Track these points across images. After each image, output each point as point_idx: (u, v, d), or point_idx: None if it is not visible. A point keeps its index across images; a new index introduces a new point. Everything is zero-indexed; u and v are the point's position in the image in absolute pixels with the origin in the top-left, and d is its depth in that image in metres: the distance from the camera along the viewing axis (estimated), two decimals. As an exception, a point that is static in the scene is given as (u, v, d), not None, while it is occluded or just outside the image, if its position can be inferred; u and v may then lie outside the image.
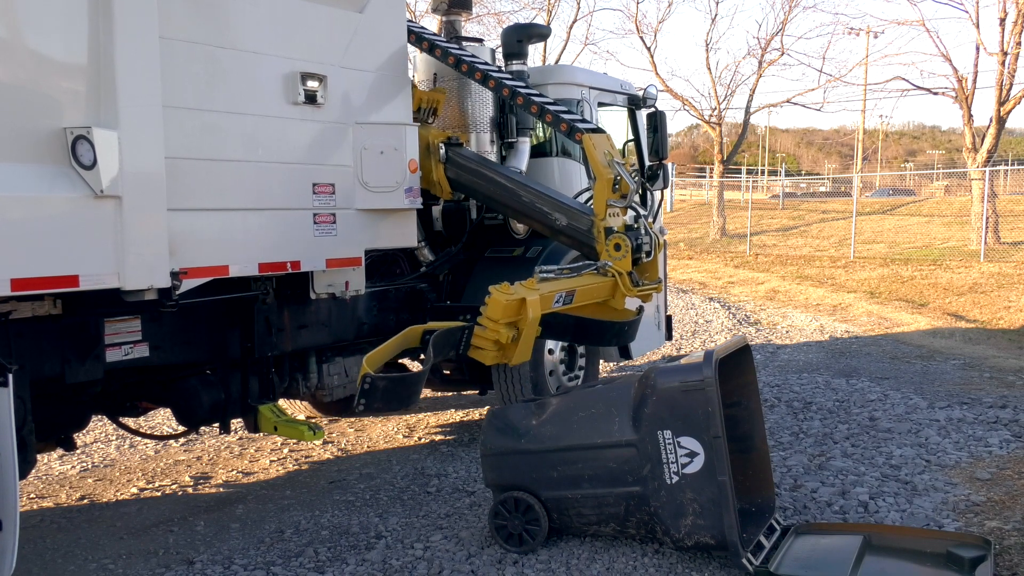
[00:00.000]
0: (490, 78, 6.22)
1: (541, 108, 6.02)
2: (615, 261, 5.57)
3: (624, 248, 5.55)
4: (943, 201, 33.85)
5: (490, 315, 4.92)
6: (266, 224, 4.78)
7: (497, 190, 6.12)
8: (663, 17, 58.71)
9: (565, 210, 5.92)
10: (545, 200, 6.01)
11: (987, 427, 6.76)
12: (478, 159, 6.35)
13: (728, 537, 4.09)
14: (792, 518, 4.89)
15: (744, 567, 4.08)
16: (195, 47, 4.35)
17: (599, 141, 5.84)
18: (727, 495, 4.09)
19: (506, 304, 4.87)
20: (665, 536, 4.31)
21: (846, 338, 11.34)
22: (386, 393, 4.68)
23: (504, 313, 4.88)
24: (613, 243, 5.58)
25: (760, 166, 60.57)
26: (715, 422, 4.11)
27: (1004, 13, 20.18)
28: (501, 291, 4.92)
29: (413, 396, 4.95)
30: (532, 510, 4.50)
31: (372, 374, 4.56)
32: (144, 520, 5.15)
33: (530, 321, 4.91)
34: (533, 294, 4.99)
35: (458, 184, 6.20)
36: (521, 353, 5.12)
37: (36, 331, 4.23)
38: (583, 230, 5.79)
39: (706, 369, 4.16)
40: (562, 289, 5.22)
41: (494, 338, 4.97)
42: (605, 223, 5.66)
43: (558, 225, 5.92)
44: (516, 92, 6.13)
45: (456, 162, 6.15)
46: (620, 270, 5.57)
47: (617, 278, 5.57)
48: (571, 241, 5.99)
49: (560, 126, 5.97)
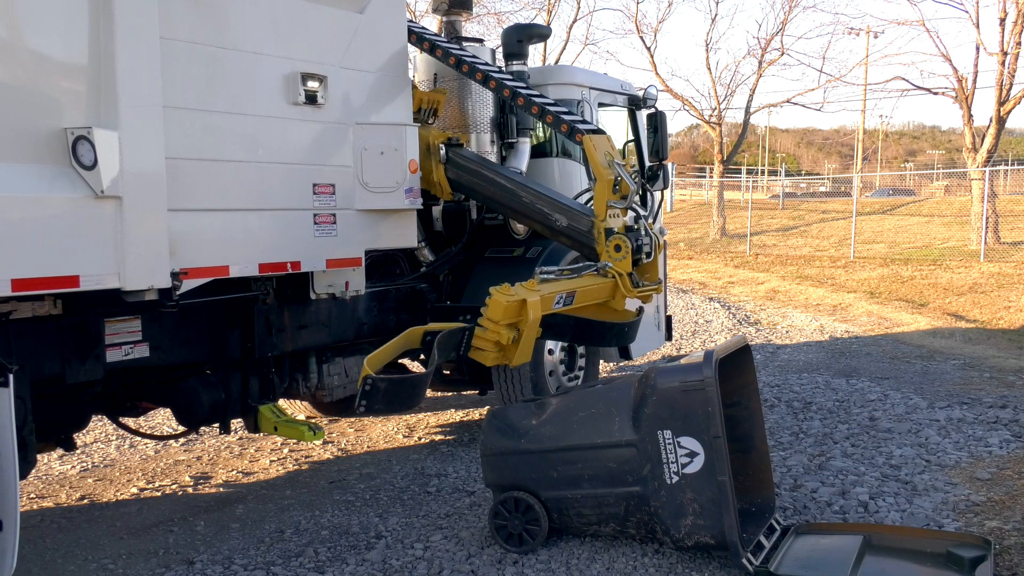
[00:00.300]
0: (491, 79, 6.22)
1: (542, 109, 6.02)
2: (615, 262, 5.57)
3: (624, 249, 5.55)
4: (943, 201, 33.85)
5: (491, 316, 4.91)
6: (266, 224, 4.78)
7: (497, 191, 6.12)
8: (663, 17, 58.81)
9: (565, 211, 5.92)
10: (545, 201, 6.01)
11: (987, 427, 6.77)
12: (479, 160, 6.35)
13: (728, 537, 4.09)
14: (792, 518, 4.90)
15: (744, 567, 4.08)
16: (196, 47, 4.35)
17: (599, 142, 5.84)
18: (727, 495, 4.09)
19: (507, 305, 4.86)
20: (665, 536, 4.31)
21: (846, 338, 11.34)
22: (388, 395, 4.67)
23: (505, 314, 4.88)
24: (613, 244, 5.58)
25: (760, 166, 60.58)
26: (715, 422, 4.11)
27: (1004, 13, 20.19)
28: (502, 292, 4.91)
29: (416, 398, 4.93)
30: (532, 510, 4.50)
31: (373, 375, 4.55)
32: (144, 520, 5.16)
33: (531, 322, 4.91)
34: (534, 295, 4.99)
35: (458, 185, 6.20)
36: (522, 354, 5.11)
37: (36, 331, 4.23)
38: (583, 231, 5.79)
39: (706, 369, 4.16)
40: (563, 290, 5.22)
41: (495, 339, 4.96)
42: (605, 224, 5.66)
43: (558, 226, 5.92)
44: (517, 93, 6.14)
45: (456, 163, 6.16)
46: (620, 271, 5.57)
47: (617, 279, 5.57)
48: (571, 242, 5.98)
49: (561, 127, 5.96)
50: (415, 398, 4.92)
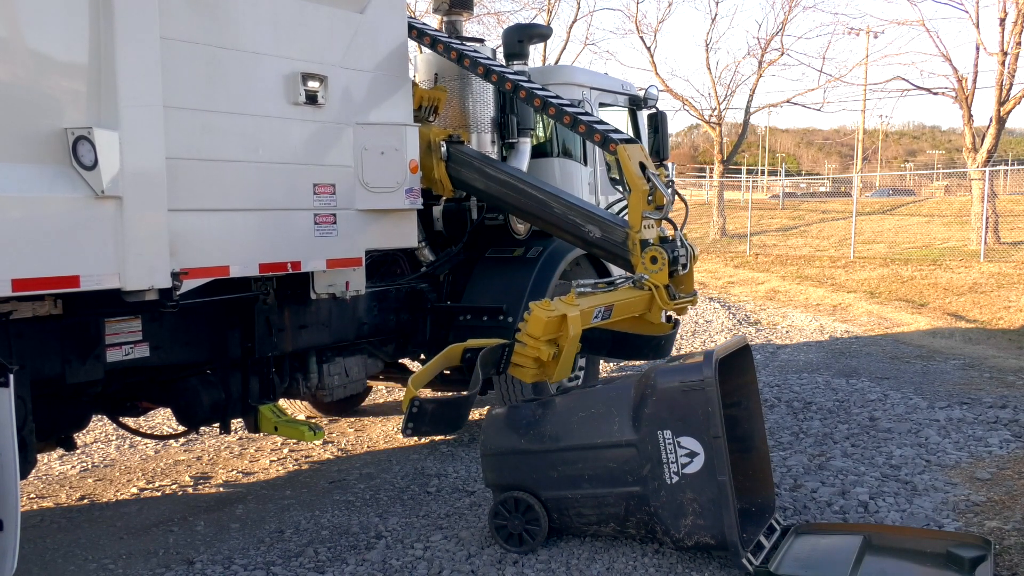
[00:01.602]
0: (521, 88, 6.06)
1: (574, 119, 5.87)
2: (651, 274, 5.40)
3: (661, 261, 5.38)
4: (943, 201, 33.86)
5: (531, 332, 4.77)
6: (267, 224, 4.78)
7: (497, 187, 6.09)
8: (663, 17, 58.83)
9: (599, 222, 5.78)
10: (544, 193, 5.99)
11: (987, 427, 6.77)
12: (480, 156, 6.35)
13: (728, 537, 4.09)
14: (792, 518, 4.90)
15: (744, 567, 4.08)
16: (196, 47, 4.35)
17: (633, 151, 5.69)
18: (727, 495, 4.09)
19: (547, 321, 4.72)
20: (665, 536, 4.31)
21: (846, 338, 11.35)
22: (435, 417, 4.60)
23: (546, 330, 4.74)
24: (649, 256, 5.42)
25: (760, 166, 60.58)
26: (715, 422, 4.11)
27: (1004, 13, 20.20)
28: (542, 307, 4.77)
29: (461, 419, 4.83)
30: (532, 510, 4.50)
31: (420, 398, 4.49)
32: (144, 520, 5.16)
33: (571, 337, 4.77)
34: (574, 310, 4.83)
35: (459, 182, 6.19)
36: (562, 370, 4.96)
37: (37, 331, 4.23)
38: (617, 242, 5.65)
39: (706, 369, 4.16)
40: (601, 304, 5.10)
41: (534, 355, 4.83)
42: (640, 235, 5.52)
43: (591, 237, 5.80)
44: (548, 103, 5.96)
45: (458, 159, 6.14)
46: (657, 283, 5.40)
47: (654, 291, 5.41)
48: (605, 253, 5.90)
49: (594, 136, 5.82)
50: (461, 419, 4.82)
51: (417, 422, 4.50)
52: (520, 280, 6.53)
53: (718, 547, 4.20)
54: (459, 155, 6.17)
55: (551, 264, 6.63)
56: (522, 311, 6.38)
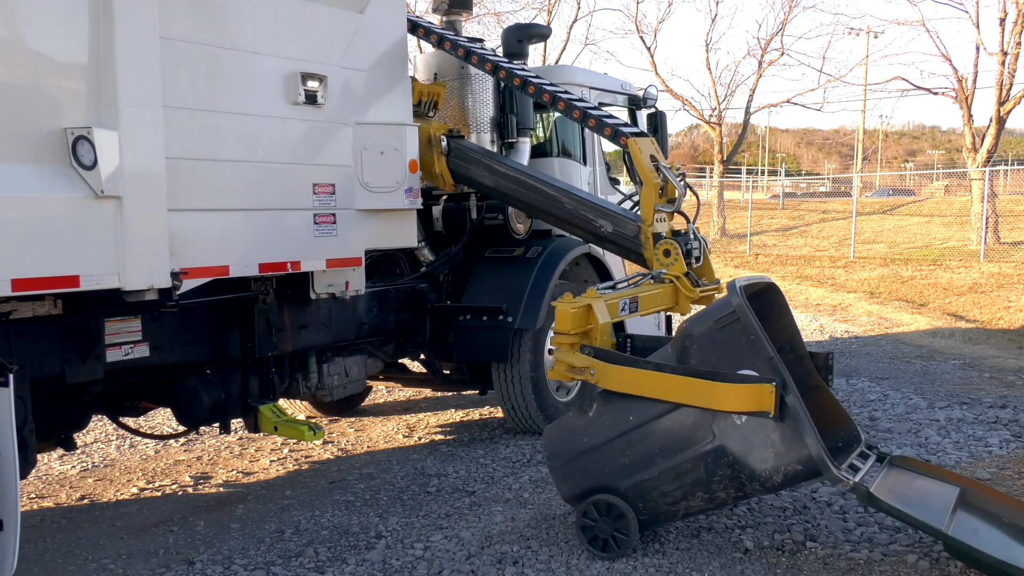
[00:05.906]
0: (530, 84, 6.04)
1: (584, 113, 5.87)
2: (668, 267, 5.42)
3: (674, 253, 5.41)
4: (943, 201, 33.87)
5: (559, 328, 4.65)
6: (266, 224, 4.78)
7: (506, 182, 6.08)
8: (663, 17, 58.74)
9: (610, 216, 5.78)
10: (554, 188, 5.99)
11: (987, 427, 6.77)
12: (484, 152, 6.36)
13: (814, 453, 3.86)
14: (792, 518, 4.89)
15: (839, 482, 3.91)
16: (196, 47, 4.36)
17: (644, 145, 5.69)
18: (800, 414, 3.87)
19: (573, 314, 4.59)
20: (753, 483, 4.10)
21: (846, 338, 11.35)
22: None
23: (573, 323, 4.60)
24: (662, 249, 5.44)
25: (760, 166, 60.59)
26: (762, 345, 3.94)
27: (1004, 13, 20.20)
28: (564, 302, 4.69)
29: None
30: (614, 508, 4.35)
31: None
32: (144, 520, 5.16)
33: (601, 327, 4.66)
34: (598, 300, 4.77)
35: (462, 177, 6.18)
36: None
37: (36, 331, 4.23)
38: (630, 236, 5.65)
39: (734, 298, 4.03)
40: (625, 296, 5.06)
41: (567, 361, 4.62)
42: (652, 229, 5.53)
43: (603, 232, 5.80)
44: (558, 98, 5.95)
45: (461, 154, 6.14)
46: (677, 273, 5.42)
47: (676, 283, 5.41)
48: (617, 248, 5.88)
49: (604, 130, 5.82)
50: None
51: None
52: (520, 280, 6.54)
53: (809, 473, 3.96)
54: (462, 150, 6.17)
55: (551, 264, 6.63)
56: (522, 311, 6.39)
